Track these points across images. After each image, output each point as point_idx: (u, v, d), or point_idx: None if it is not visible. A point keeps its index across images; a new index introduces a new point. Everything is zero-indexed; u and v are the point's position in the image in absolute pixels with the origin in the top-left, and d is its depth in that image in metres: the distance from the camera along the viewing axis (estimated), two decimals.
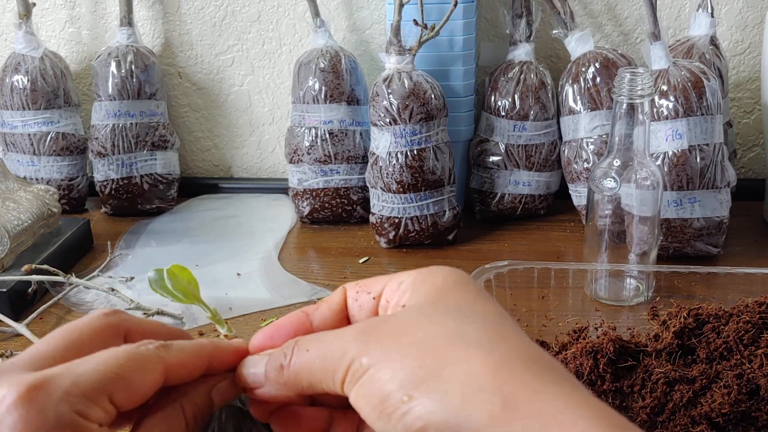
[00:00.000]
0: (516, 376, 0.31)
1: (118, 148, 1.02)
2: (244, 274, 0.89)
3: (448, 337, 0.33)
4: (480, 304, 0.35)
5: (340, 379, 0.33)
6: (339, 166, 0.98)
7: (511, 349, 0.32)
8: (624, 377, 0.57)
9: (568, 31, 0.93)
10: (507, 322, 0.35)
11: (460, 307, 0.35)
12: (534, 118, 0.95)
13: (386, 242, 0.94)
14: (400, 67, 0.89)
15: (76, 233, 0.93)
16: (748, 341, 0.58)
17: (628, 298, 0.78)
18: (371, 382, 0.32)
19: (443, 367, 0.31)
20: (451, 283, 0.36)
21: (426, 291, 0.36)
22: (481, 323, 0.34)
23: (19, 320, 0.77)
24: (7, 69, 1.02)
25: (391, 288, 0.37)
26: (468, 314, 0.34)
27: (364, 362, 0.33)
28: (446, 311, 0.34)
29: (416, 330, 0.33)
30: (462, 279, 0.37)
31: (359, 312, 0.38)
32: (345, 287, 0.40)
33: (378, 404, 0.32)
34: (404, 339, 0.33)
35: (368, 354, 0.33)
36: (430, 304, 0.35)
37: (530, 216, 1.01)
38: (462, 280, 0.36)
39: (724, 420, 0.52)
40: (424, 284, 0.36)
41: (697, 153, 0.82)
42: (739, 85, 1.03)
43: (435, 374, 0.31)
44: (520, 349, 0.33)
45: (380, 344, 0.33)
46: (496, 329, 0.34)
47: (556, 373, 0.32)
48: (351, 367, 0.33)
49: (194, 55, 1.10)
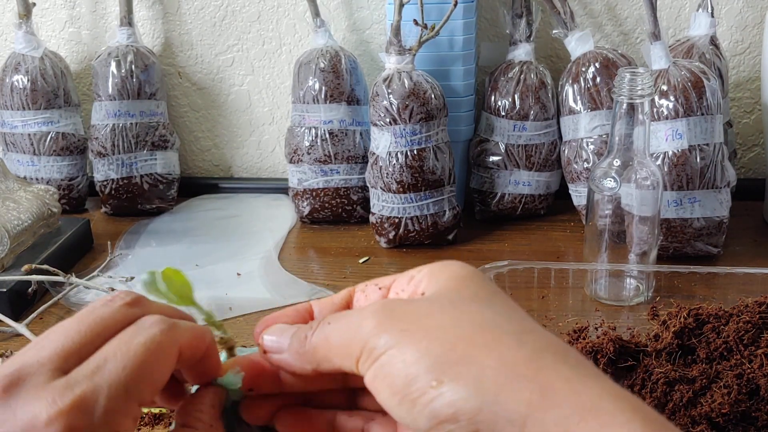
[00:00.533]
0: (550, 366, 0.30)
1: (118, 148, 1.02)
2: (244, 274, 0.89)
3: (477, 324, 0.32)
4: (501, 296, 0.35)
5: (356, 356, 0.32)
6: (339, 166, 0.98)
7: (540, 340, 0.31)
8: (624, 377, 0.57)
9: (568, 31, 0.93)
10: (528, 316, 0.34)
11: (483, 296, 0.34)
12: (534, 118, 0.95)
13: (386, 242, 0.94)
14: (400, 67, 0.89)
15: (76, 233, 0.93)
16: (748, 341, 0.58)
17: (628, 298, 0.78)
18: (392, 363, 0.31)
19: (476, 353, 0.30)
20: (469, 273, 0.35)
21: (445, 279, 0.35)
22: (507, 313, 0.33)
23: (19, 320, 0.77)
24: (7, 69, 1.02)
25: (400, 283, 0.37)
26: (493, 304, 0.33)
27: (383, 341, 0.31)
28: (471, 299, 0.33)
29: (442, 314, 0.32)
30: (477, 272, 0.36)
31: (366, 302, 0.37)
32: (355, 287, 0.39)
33: (402, 388, 0.30)
34: (429, 322, 0.32)
35: (387, 332, 0.31)
36: (453, 290, 0.34)
37: (530, 216, 1.01)
38: (478, 273, 0.36)
39: (724, 420, 0.52)
40: (441, 273, 0.35)
41: (697, 153, 0.82)
42: (739, 85, 1.03)
43: (466, 359, 0.30)
44: (550, 341, 0.32)
45: (402, 324, 0.32)
46: (522, 320, 0.33)
47: (588, 367, 0.31)
48: (367, 345, 0.32)
49: (194, 55, 1.10)
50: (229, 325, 0.79)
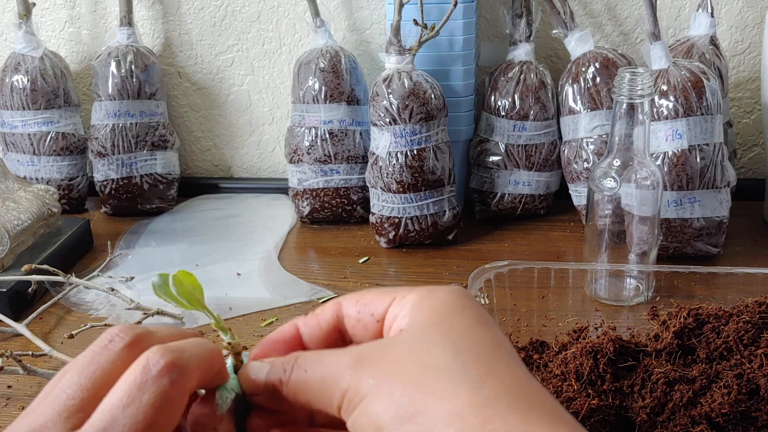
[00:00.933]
0: (500, 415, 0.31)
1: (118, 148, 1.02)
2: (244, 274, 0.89)
3: (438, 371, 0.33)
4: (477, 331, 0.35)
5: (337, 405, 0.34)
6: (339, 166, 0.98)
7: (500, 384, 0.32)
8: (624, 377, 0.57)
9: (568, 31, 0.93)
10: (503, 350, 0.34)
11: (457, 334, 0.34)
12: (534, 118, 0.95)
13: (386, 242, 0.94)
14: (400, 67, 0.89)
15: (76, 233, 0.93)
16: (748, 341, 0.58)
17: (628, 298, 0.78)
18: (365, 413, 0.33)
19: (430, 403, 0.31)
20: (450, 306, 0.36)
21: (424, 315, 0.35)
22: (474, 354, 0.34)
23: (19, 320, 0.77)
24: (7, 69, 1.02)
25: (394, 311, 0.37)
26: (463, 343, 0.34)
27: (359, 391, 0.33)
28: (441, 339, 0.34)
29: (410, 361, 0.33)
30: (461, 301, 0.36)
31: (363, 332, 0.38)
32: (340, 302, 0.39)
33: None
34: (398, 369, 0.33)
35: (362, 383, 0.33)
36: (427, 330, 0.35)
37: (530, 216, 1.01)
38: (461, 302, 0.36)
39: (724, 420, 0.52)
40: (422, 308, 0.36)
41: (697, 153, 0.82)
42: (739, 85, 1.03)
43: (423, 411, 0.31)
44: (511, 384, 0.32)
45: (374, 373, 0.33)
46: (489, 361, 0.33)
47: (544, 411, 0.32)
48: (346, 395, 0.33)
49: (194, 55, 1.10)
50: (229, 326, 0.78)
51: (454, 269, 0.89)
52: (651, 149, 0.80)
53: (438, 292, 0.37)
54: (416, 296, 0.37)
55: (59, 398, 0.33)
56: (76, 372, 0.34)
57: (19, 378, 0.70)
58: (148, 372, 0.33)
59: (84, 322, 0.78)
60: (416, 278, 0.87)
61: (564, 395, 0.55)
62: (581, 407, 0.53)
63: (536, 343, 0.66)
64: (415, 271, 0.89)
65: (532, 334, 0.69)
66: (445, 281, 0.85)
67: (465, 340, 0.34)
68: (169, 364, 0.33)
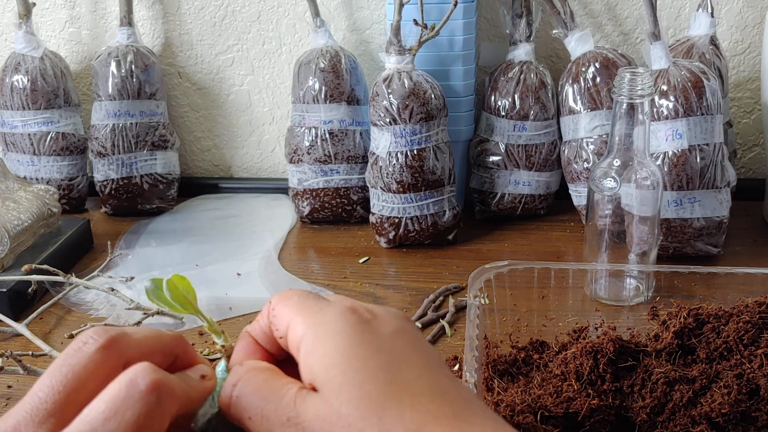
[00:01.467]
0: None
1: (118, 148, 1.02)
2: (244, 274, 0.89)
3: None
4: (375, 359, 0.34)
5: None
6: (339, 166, 0.98)
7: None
8: (624, 377, 0.57)
9: (568, 31, 0.93)
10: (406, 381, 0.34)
11: (352, 383, 0.34)
12: (534, 118, 0.95)
13: (386, 242, 0.94)
14: (400, 67, 0.89)
15: (76, 233, 0.93)
16: (748, 341, 0.58)
17: (628, 298, 0.78)
18: None
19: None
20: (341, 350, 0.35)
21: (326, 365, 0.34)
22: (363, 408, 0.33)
23: (19, 320, 0.77)
24: (7, 69, 1.02)
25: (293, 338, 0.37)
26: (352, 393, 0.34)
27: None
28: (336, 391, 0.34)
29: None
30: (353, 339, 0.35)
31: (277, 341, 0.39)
32: (269, 303, 0.39)
33: None
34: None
35: None
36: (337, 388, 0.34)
37: (530, 216, 1.01)
38: (352, 341, 0.35)
39: (724, 420, 0.52)
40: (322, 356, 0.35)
41: (697, 153, 0.82)
42: (739, 85, 1.03)
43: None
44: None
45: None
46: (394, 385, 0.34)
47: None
48: None
49: (194, 55, 1.10)
50: (229, 325, 0.79)
51: (454, 269, 0.89)
52: (651, 149, 0.80)
53: (327, 335, 0.35)
54: (309, 337, 0.36)
55: (31, 401, 0.32)
56: (48, 374, 0.33)
57: (19, 378, 0.70)
58: (135, 387, 0.32)
59: (84, 322, 0.78)
60: (416, 278, 0.87)
61: (564, 395, 0.55)
62: (581, 407, 0.53)
63: (536, 343, 0.66)
64: (415, 271, 0.89)
65: (532, 334, 0.69)
66: (445, 281, 0.85)
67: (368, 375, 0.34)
68: (157, 381, 0.33)
